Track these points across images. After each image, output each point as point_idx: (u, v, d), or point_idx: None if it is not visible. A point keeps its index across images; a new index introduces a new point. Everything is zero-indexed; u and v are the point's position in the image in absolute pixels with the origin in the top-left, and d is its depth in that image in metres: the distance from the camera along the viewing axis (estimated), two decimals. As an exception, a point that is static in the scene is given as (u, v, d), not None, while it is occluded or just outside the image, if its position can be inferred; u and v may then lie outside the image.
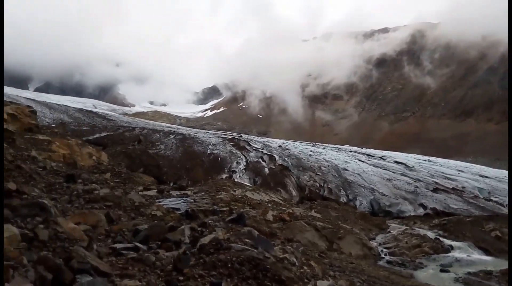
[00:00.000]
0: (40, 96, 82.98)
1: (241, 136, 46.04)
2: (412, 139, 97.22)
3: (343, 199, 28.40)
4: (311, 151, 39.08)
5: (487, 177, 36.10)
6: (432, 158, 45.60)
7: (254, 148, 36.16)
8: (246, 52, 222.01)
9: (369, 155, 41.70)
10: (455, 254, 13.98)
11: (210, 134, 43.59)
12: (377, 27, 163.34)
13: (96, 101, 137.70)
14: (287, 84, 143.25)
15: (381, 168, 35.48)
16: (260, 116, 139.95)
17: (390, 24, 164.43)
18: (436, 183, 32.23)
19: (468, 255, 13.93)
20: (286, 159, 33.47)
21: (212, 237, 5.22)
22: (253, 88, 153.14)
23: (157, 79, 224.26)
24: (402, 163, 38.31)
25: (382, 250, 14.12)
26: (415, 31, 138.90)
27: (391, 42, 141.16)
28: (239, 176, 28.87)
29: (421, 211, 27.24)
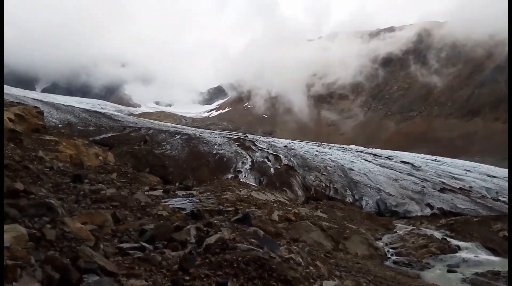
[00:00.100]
0: (47, 97, 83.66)
1: (246, 136, 46.07)
2: (419, 138, 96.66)
3: (349, 199, 28.31)
4: (317, 151, 38.99)
5: (494, 176, 35.80)
6: (439, 158, 45.31)
7: (260, 148, 36.15)
8: (251, 52, 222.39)
9: (375, 155, 41.52)
10: (463, 254, 13.87)
11: (216, 134, 43.66)
12: (383, 26, 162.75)
13: (102, 102, 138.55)
14: (293, 84, 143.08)
15: (387, 168, 35.31)
16: (266, 116, 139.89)
17: (396, 23, 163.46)
18: (443, 183, 32.01)
19: (475, 255, 13.81)
20: (292, 159, 33.42)
21: (218, 237, 5.22)
22: (258, 88, 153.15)
23: (162, 79, 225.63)
24: (408, 162, 38.10)
25: (388, 250, 14.05)
26: (422, 30, 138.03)
27: (397, 41, 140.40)
28: (245, 176, 28.88)
29: (428, 211, 27.06)
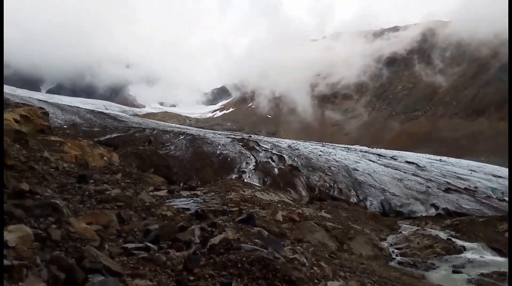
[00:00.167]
0: (52, 98, 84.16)
1: (250, 136, 46.09)
2: (423, 138, 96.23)
3: (353, 199, 28.22)
4: (321, 151, 38.93)
5: (500, 177, 35.51)
6: (443, 158, 45.04)
7: (264, 148, 36.14)
8: (255, 52, 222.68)
9: (379, 155, 41.37)
10: (468, 255, 13.78)
11: (220, 134, 43.70)
12: (387, 25, 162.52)
13: (107, 102, 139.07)
14: (296, 84, 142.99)
15: (392, 168, 35.18)
16: (269, 116, 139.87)
17: (400, 22, 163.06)
18: (448, 183, 31.83)
19: (481, 256, 13.71)
20: (296, 159, 33.38)
21: (222, 237, 5.23)
22: (262, 88, 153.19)
23: (166, 80, 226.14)
24: (413, 163, 37.93)
25: (393, 251, 13.99)
26: (426, 29, 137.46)
27: (402, 41, 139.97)
28: (249, 176, 28.88)
29: (432, 211, 26.92)
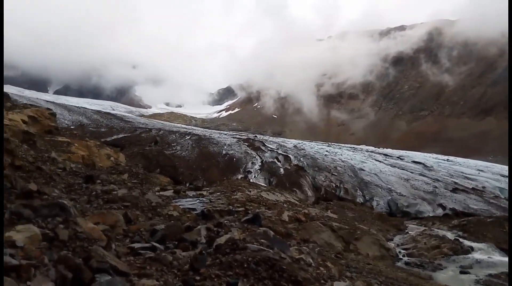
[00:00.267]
0: (59, 99, 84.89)
1: (256, 136, 46.12)
2: (431, 138, 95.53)
3: (360, 199, 28.12)
4: (327, 151, 38.83)
5: (508, 176, 35.19)
6: (451, 158, 44.72)
7: (269, 148, 36.13)
8: (260, 53, 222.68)
9: (386, 155, 41.18)
10: (476, 255, 13.67)
11: (225, 134, 43.77)
12: (393, 25, 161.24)
13: (113, 103, 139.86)
14: (302, 84, 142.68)
15: (398, 168, 34.99)
16: (275, 116, 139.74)
17: (407, 21, 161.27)
18: (456, 183, 31.60)
19: (489, 256, 13.59)
20: (302, 159, 33.33)
21: (228, 237, 5.23)
22: (267, 88, 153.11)
23: (172, 80, 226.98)
24: (420, 163, 37.69)
25: (400, 251, 13.93)
26: (433, 28, 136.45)
27: (408, 40, 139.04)
28: (254, 176, 28.89)
29: (440, 211, 26.74)
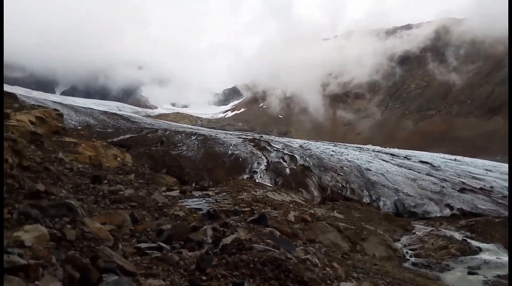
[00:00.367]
0: (66, 100, 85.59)
1: (261, 136, 46.12)
2: (438, 138, 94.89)
3: (366, 199, 28.00)
4: (333, 151, 38.71)
5: (517, 176, 34.85)
6: (458, 157, 44.37)
7: (275, 148, 36.11)
8: (266, 52, 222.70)
9: (392, 154, 40.95)
10: (484, 256, 13.53)
11: (231, 134, 43.82)
12: (399, 24, 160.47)
13: (120, 104, 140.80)
14: (308, 83, 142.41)
15: (405, 168, 34.78)
16: (281, 116, 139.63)
17: (413, 20, 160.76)
18: (463, 183, 31.33)
19: (497, 257, 13.43)
20: (307, 159, 33.26)
21: (234, 237, 5.24)
22: (273, 88, 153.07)
23: (178, 81, 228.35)
24: (427, 162, 37.44)
25: (407, 252, 13.84)
26: (439, 27, 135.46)
27: (415, 39, 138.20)
28: (260, 176, 28.89)
29: (447, 211, 26.53)
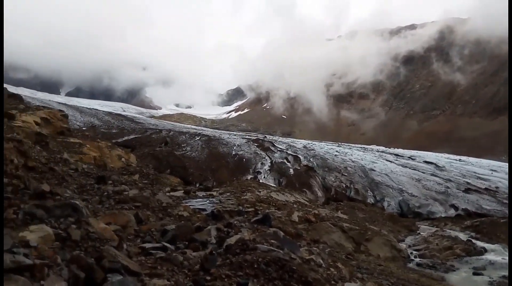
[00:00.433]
0: (71, 101, 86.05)
1: (265, 137, 46.11)
2: (442, 138, 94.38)
3: (371, 200, 27.90)
4: (337, 151, 38.63)
5: (522, 176, 34.58)
6: (463, 158, 44.09)
7: (279, 148, 36.09)
8: (269, 53, 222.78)
9: (397, 155, 40.79)
10: (489, 256, 13.44)
11: (235, 135, 43.84)
12: (403, 23, 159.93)
13: (124, 105, 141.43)
14: (311, 83, 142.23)
15: (409, 168, 34.63)
16: (284, 116, 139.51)
17: (417, 20, 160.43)
18: (468, 183, 31.15)
19: (502, 257, 13.33)
20: (311, 160, 33.20)
21: (238, 237, 5.24)
22: (277, 88, 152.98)
23: (182, 81, 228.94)
24: (432, 163, 37.25)
25: (411, 252, 13.78)
26: (444, 27, 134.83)
27: (419, 39, 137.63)
28: (264, 177, 28.88)
29: (452, 212, 26.39)
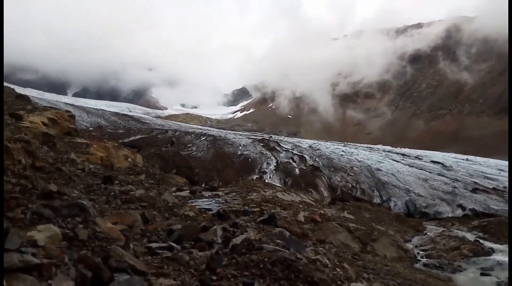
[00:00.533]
0: (78, 101, 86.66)
1: (271, 136, 46.08)
2: (449, 137, 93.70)
3: (377, 200, 27.77)
4: (343, 151, 38.50)
5: (531, 176, 34.19)
6: (470, 157, 43.74)
7: (284, 148, 36.04)
8: (275, 53, 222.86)
9: (403, 154, 40.56)
10: (497, 257, 13.30)
11: (240, 135, 43.87)
12: (410, 22, 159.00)
13: (131, 105, 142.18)
14: (317, 83, 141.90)
15: (416, 168, 34.41)
16: (290, 116, 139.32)
17: (424, 19, 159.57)
18: (475, 183, 30.88)
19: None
20: (317, 160, 33.12)
21: (244, 237, 5.25)
22: (282, 88, 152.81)
23: (188, 82, 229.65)
24: (439, 162, 36.98)
25: (418, 253, 13.69)
26: (450, 25, 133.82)
27: (425, 38, 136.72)
28: (270, 176, 28.86)
29: (459, 212, 26.18)
